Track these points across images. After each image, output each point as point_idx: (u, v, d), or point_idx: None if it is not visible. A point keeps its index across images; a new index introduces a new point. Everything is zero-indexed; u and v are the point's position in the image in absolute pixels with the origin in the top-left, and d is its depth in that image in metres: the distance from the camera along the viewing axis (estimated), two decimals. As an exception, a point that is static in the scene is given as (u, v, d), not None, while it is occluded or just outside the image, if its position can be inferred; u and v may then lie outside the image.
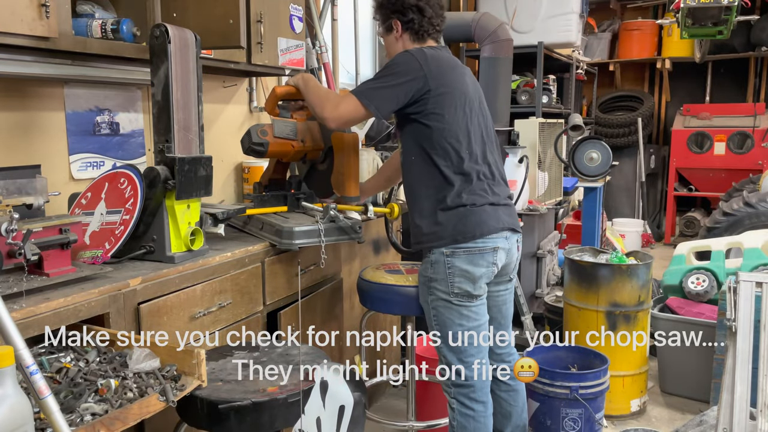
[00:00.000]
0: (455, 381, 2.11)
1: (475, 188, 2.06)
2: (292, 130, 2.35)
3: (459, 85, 2.09)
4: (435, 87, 2.02)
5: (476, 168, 2.07)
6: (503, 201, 2.14)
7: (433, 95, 2.02)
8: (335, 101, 2.10)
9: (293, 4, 2.84)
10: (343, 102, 2.07)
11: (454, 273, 2.05)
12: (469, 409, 2.11)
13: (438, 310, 2.10)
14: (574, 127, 4.33)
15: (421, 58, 2.04)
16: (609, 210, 7.12)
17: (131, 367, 1.42)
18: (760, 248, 3.36)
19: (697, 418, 2.40)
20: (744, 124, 6.67)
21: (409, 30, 2.16)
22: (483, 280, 2.07)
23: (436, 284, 2.09)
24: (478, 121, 2.12)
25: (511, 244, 2.15)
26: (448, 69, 2.08)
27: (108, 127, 2.40)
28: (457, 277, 2.05)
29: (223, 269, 2.00)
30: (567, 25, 5.23)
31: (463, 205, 2.04)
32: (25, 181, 1.75)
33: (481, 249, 2.05)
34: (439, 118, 2.04)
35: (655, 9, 7.63)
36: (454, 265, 2.04)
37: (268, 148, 2.27)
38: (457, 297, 2.06)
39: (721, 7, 4.95)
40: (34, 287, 1.53)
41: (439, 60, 2.07)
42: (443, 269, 2.06)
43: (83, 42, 1.97)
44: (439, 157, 2.04)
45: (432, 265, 2.08)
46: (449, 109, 2.04)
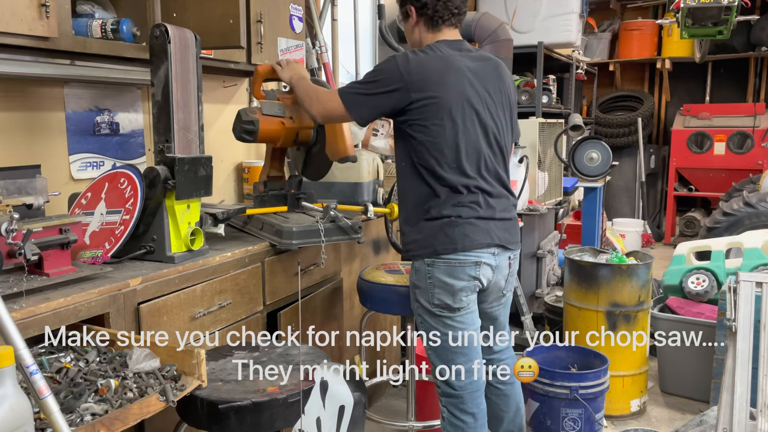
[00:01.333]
0: (444, 390, 2.08)
1: (464, 201, 1.97)
2: (280, 108, 2.35)
3: (453, 92, 1.95)
4: (418, 98, 1.93)
5: (464, 181, 1.96)
6: (500, 215, 2.04)
7: (416, 106, 1.93)
8: (323, 98, 2.08)
9: (293, 4, 2.84)
10: (330, 101, 2.04)
11: (434, 284, 2.00)
12: (458, 420, 2.07)
13: (422, 317, 2.07)
14: (574, 127, 4.33)
15: (404, 66, 1.94)
16: (609, 210, 7.12)
17: (131, 367, 1.41)
18: (760, 248, 3.36)
19: (697, 418, 2.40)
20: (744, 124, 6.67)
21: (425, 16, 2.05)
22: (464, 293, 2.00)
23: (419, 292, 2.05)
24: (476, 129, 1.98)
25: (501, 261, 2.06)
26: (437, 75, 1.94)
27: (108, 127, 2.40)
28: (437, 288, 2.00)
29: (223, 269, 2.00)
30: (567, 25, 5.23)
31: (447, 216, 1.96)
32: (25, 181, 1.75)
33: (461, 262, 1.97)
34: (422, 129, 1.95)
35: (655, 9, 7.62)
36: (434, 275, 1.99)
37: (259, 126, 2.25)
38: (438, 308, 2.01)
39: (721, 7, 4.95)
40: (34, 287, 1.53)
41: (426, 66, 1.95)
42: (424, 278, 2.02)
43: (83, 42, 1.97)
44: (424, 168, 1.97)
45: (416, 272, 2.05)
46: (434, 120, 1.94)
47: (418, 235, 2.02)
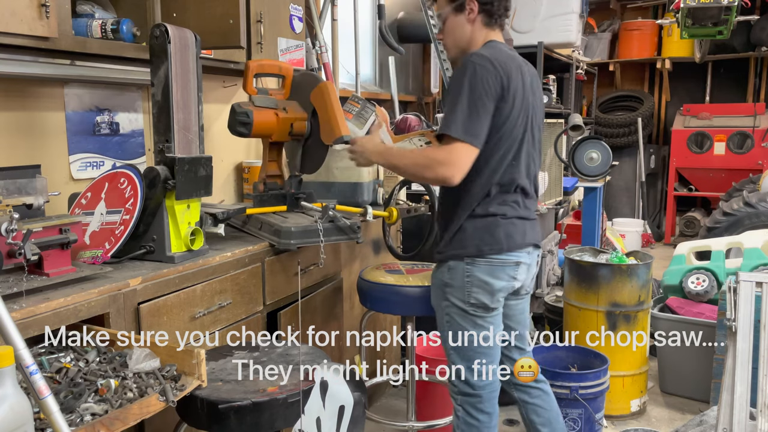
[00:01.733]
0: (462, 390, 2.05)
1: (508, 199, 1.96)
2: (272, 101, 2.36)
3: (520, 90, 1.91)
4: (506, 97, 1.87)
5: (516, 180, 1.95)
6: (532, 216, 2.06)
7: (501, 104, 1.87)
8: (440, 157, 1.85)
9: (293, 4, 2.84)
10: (453, 153, 1.83)
11: (473, 283, 1.97)
12: (474, 419, 2.05)
13: (452, 317, 2.02)
14: (574, 127, 4.33)
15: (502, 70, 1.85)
16: (609, 210, 7.12)
17: (131, 367, 1.41)
18: (760, 248, 3.36)
19: (697, 418, 2.40)
20: (744, 124, 6.67)
21: (485, 12, 1.95)
22: (501, 293, 1.99)
23: (452, 291, 2.00)
24: (530, 128, 1.98)
25: (533, 259, 2.08)
26: (514, 74, 1.90)
27: (108, 127, 2.40)
28: (475, 287, 1.97)
29: (223, 269, 2.00)
30: (567, 25, 5.23)
31: (492, 214, 1.95)
32: (25, 181, 1.76)
33: (503, 262, 1.96)
34: (497, 126, 1.88)
35: (655, 9, 7.63)
36: (474, 274, 1.96)
37: (253, 117, 2.26)
38: (473, 307, 1.98)
39: (721, 7, 4.95)
40: (34, 287, 1.53)
41: (507, 65, 1.88)
42: (461, 277, 1.97)
43: (83, 42, 1.97)
44: (486, 164, 1.92)
45: (449, 270, 1.99)
46: (509, 117, 1.89)
47: (460, 233, 1.98)
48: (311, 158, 2.49)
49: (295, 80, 2.46)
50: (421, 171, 1.91)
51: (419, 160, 1.92)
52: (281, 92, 2.44)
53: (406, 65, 5.44)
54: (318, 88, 2.36)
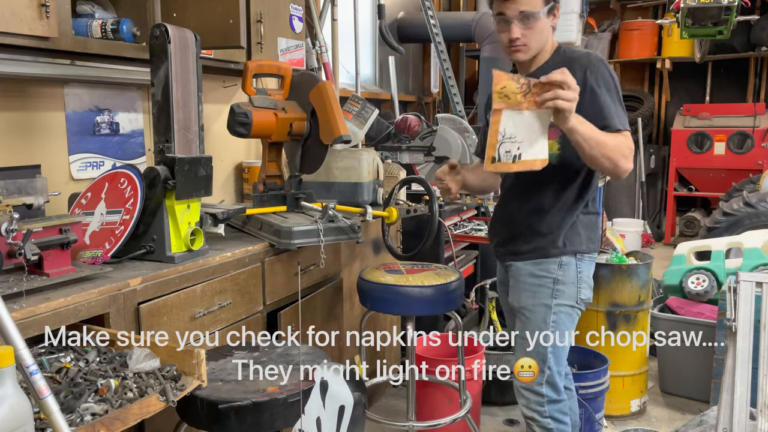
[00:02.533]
0: (551, 397, 2.00)
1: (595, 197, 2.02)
2: (271, 101, 2.36)
3: None
4: None
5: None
6: None
7: None
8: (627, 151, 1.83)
9: (293, 4, 2.84)
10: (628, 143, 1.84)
11: (583, 279, 1.97)
12: (563, 424, 2.01)
13: (559, 315, 1.97)
14: (574, 127, 4.32)
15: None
16: (609, 210, 7.12)
17: (131, 367, 1.41)
18: (760, 248, 3.36)
19: (697, 418, 2.40)
20: (744, 124, 6.67)
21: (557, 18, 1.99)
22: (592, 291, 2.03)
23: (563, 288, 1.96)
24: None
25: None
26: None
27: (108, 127, 2.40)
28: (584, 284, 1.98)
29: (223, 269, 2.00)
30: (567, 25, 5.24)
31: (595, 213, 2.00)
32: (25, 181, 1.76)
33: (595, 259, 2.02)
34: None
35: (655, 9, 7.63)
36: (584, 271, 1.97)
37: (253, 117, 2.26)
38: (583, 304, 1.98)
39: (721, 7, 4.96)
40: (34, 287, 1.53)
41: None
42: (574, 274, 1.95)
43: (83, 42, 1.97)
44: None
45: (561, 266, 1.95)
46: None
47: (572, 229, 1.97)
48: (311, 158, 2.50)
49: (294, 80, 2.47)
50: (618, 158, 1.79)
51: (622, 149, 1.80)
52: (280, 92, 2.44)
53: (406, 65, 5.45)
54: (317, 87, 2.36)
